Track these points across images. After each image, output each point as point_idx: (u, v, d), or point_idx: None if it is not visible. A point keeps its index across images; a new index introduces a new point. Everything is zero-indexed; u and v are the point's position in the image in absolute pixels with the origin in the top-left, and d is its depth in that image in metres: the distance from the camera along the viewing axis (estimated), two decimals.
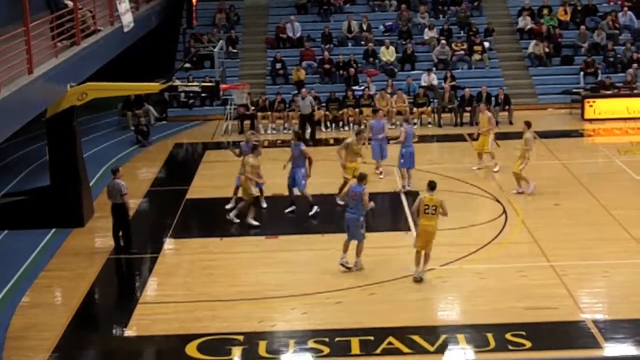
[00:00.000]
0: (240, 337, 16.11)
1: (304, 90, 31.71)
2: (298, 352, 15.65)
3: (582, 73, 34.97)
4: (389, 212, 23.27)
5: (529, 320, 16.46)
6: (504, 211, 22.44)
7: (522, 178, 23.53)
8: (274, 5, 39.73)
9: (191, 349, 15.77)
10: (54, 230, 22.04)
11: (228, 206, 23.03)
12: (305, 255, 20.16)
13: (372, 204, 18.75)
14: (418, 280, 18.22)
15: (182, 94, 31.50)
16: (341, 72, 35.23)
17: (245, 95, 31.36)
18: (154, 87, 23.75)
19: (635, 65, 34.55)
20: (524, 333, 15.89)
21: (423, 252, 18.29)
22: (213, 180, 26.18)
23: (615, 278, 18.34)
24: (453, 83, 33.82)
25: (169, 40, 36.80)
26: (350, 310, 17.18)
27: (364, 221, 18.79)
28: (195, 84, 26.66)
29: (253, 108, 32.36)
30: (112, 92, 24.72)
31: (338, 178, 23.55)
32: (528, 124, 23.80)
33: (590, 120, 32.27)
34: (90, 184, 23.98)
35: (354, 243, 18.90)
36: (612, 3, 38.87)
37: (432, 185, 18.22)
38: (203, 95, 29.95)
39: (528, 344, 15.55)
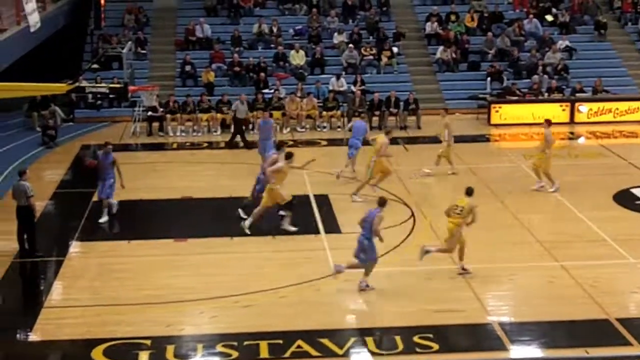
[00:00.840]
0: (148, 342, 15.89)
1: (242, 95, 31.37)
2: (206, 356, 15.52)
3: (488, 79, 35.49)
4: (299, 216, 23.18)
5: (437, 322, 16.58)
6: (412, 214, 22.59)
7: (546, 174, 24.39)
8: (184, 7, 39.48)
9: (97, 353, 15.51)
10: None
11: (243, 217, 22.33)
12: (215, 259, 19.99)
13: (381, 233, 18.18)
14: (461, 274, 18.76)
15: (90, 95, 31.04)
16: (251, 75, 35.12)
17: (154, 96, 31.07)
18: (60, 87, 23.27)
19: (540, 71, 35.16)
20: (431, 335, 15.98)
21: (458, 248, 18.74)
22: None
23: (520, 281, 18.58)
24: (362, 87, 34.00)
25: (76, 41, 36.22)
26: (259, 313, 17.09)
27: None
28: (103, 85, 26.33)
29: (162, 110, 32.03)
30: (18, 93, 24.23)
31: (248, 180, 23.37)
32: (548, 122, 24.88)
33: (497, 126, 32.78)
34: None
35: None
36: (517, 10, 39.54)
37: (469, 191, 18.85)
38: (111, 96, 29.59)
39: (435, 347, 15.64)
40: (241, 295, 17.81)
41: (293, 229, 21.38)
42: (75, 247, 20.94)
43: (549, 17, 38.92)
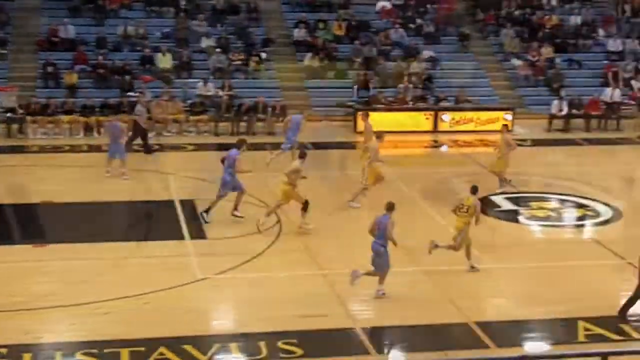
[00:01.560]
0: (4, 350, 15.39)
1: (142, 98, 30.82)
2: None
3: (355, 87, 35.78)
4: (163, 221, 22.89)
5: (301, 328, 16.57)
6: (279, 220, 22.55)
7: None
8: (46, 7, 38.49)
9: None
10: None
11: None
12: (76, 265, 19.51)
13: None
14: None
15: None
16: (116, 77, 34.53)
17: (13, 97, 30.26)
18: None
19: (406, 80, 35.66)
20: (295, 341, 15.98)
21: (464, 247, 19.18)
22: None
23: (389, 287, 18.64)
24: (230, 93, 33.82)
25: None
26: (120, 320, 16.76)
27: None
28: None
29: (22, 112, 31.15)
30: None
31: (112, 185, 22.95)
32: (506, 127, 26.89)
33: (362, 133, 32.89)
34: None
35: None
36: (384, 20, 40.02)
37: (474, 190, 19.46)
38: None
39: (299, 352, 15.64)
40: (102, 302, 17.42)
41: (310, 226, 21.70)
42: None
43: (414, 30, 39.47)
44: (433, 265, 19.72)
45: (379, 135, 24.66)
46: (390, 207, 18.46)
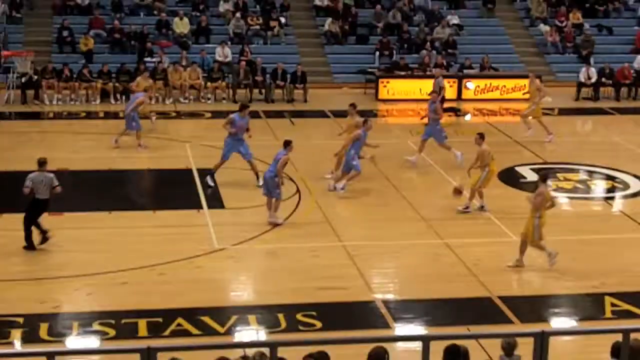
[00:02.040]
0: (20, 319, 15.24)
1: None
2: (82, 335, 14.92)
3: (377, 53, 35.29)
4: (180, 189, 22.59)
5: (320, 300, 16.35)
6: (298, 190, 22.25)
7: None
8: None
9: None
10: None
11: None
12: (92, 234, 19.28)
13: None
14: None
15: None
16: (132, 42, 34.13)
17: (28, 63, 29.94)
18: None
19: (428, 46, 35.12)
20: (314, 313, 15.76)
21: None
22: None
23: (404, 259, 18.52)
24: (249, 58, 33.37)
25: None
26: (137, 291, 16.57)
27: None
28: None
29: (36, 77, 30.80)
30: None
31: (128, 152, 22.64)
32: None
33: (384, 101, 32.61)
34: None
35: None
36: None
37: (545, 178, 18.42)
38: None
39: (319, 324, 15.43)
40: (119, 272, 17.24)
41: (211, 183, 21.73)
42: None
43: None
44: (456, 237, 19.40)
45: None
46: (286, 144, 19.87)
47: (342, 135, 23.51)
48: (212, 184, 22.13)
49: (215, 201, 21.38)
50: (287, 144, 19.94)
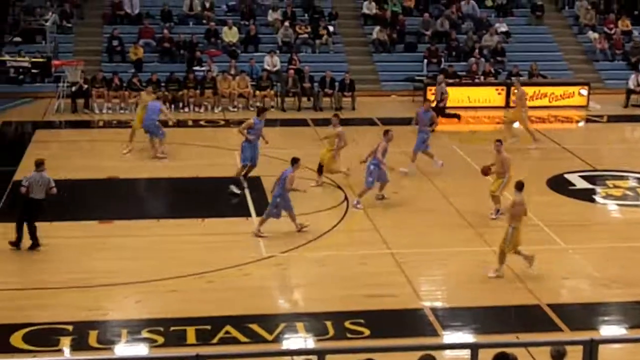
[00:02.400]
0: (70, 327, 15.30)
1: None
2: (131, 342, 14.97)
3: (425, 60, 35.20)
4: (228, 197, 22.67)
5: (369, 307, 16.28)
6: (346, 198, 22.21)
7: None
8: None
9: (16, 339, 14.87)
10: None
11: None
12: (141, 241, 19.39)
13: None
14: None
15: (11, 69, 30.14)
16: (182, 51, 34.36)
17: (78, 72, 30.24)
18: None
19: (476, 54, 34.99)
20: (362, 321, 15.68)
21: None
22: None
23: (452, 266, 18.41)
24: (297, 66, 33.45)
25: None
26: (186, 298, 16.59)
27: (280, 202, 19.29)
28: (26, 59, 25.40)
29: (87, 86, 31.11)
30: None
31: (176, 160, 22.77)
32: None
33: (433, 108, 32.34)
34: None
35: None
36: None
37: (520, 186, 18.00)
38: (34, 71, 28.64)
39: (367, 332, 15.35)
40: (167, 279, 17.28)
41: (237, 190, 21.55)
42: None
43: (489, 2, 38.75)
44: None
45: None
46: (293, 161, 19.54)
47: (324, 141, 23.64)
48: (238, 191, 22.14)
49: (264, 209, 21.36)
50: (295, 162, 19.60)
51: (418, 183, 23.51)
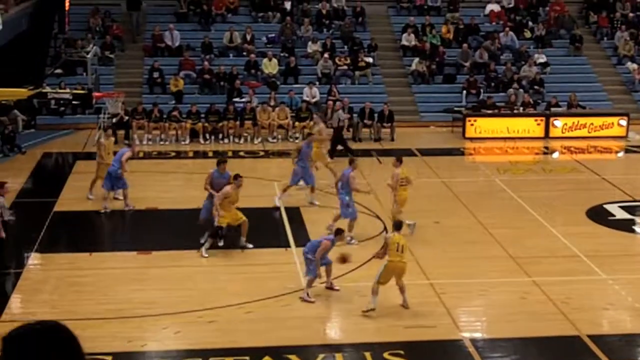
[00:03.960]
0: (109, 358, 15.35)
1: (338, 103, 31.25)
2: None
3: (464, 92, 35.17)
4: (268, 228, 22.70)
5: (408, 338, 16.22)
6: (385, 229, 22.14)
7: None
8: (153, 12, 38.81)
9: None
10: None
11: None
12: (180, 272, 19.42)
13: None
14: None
15: (53, 101, 30.46)
16: (222, 83, 34.60)
17: (119, 104, 30.50)
18: (22, 93, 22.68)
19: (515, 85, 34.92)
20: (402, 352, 15.61)
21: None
22: (83, 192, 25.10)
23: (493, 297, 18.29)
24: (336, 98, 33.53)
25: (39, 45, 35.39)
26: (225, 329, 16.60)
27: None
28: (67, 90, 25.66)
29: (127, 118, 31.37)
30: None
31: None
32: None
33: (471, 139, 32.43)
34: None
35: None
36: (494, 23, 39.29)
37: (398, 226, 17.78)
38: (74, 102, 28.90)
39: None
40: (206, 310, 17.30)
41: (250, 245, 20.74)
42: (34, 259, 20.31)
43: (527, 34, 38.68)
44: (544, 275, 19.11)
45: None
46: (337, 232, 18.46)
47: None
48: (279, 204, 22.63)
49: (303, 239, 21.35)
50: (339, 233, 18.64)
51: (458, 214, 23.39)
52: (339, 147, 29.32)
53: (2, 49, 28.62)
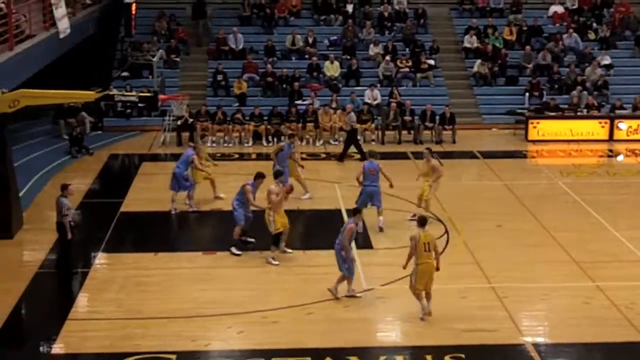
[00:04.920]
0: (173, 357, 15.59)
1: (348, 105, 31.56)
2: None
3: (526, 94, 34.98)
4: (329, 230, 22.79)
5: (469, 342, 16.22)
6: (446, 231, 22.18)
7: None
8: (217, 16, 39.19)
9: None
10: None
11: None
12: (243, 272, 19.64)
13: None
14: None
15: (119, 104, 30.93)
16: (284, 86, 34.83)
17: (184, 106, 30.86)
18: (89, 95, 23.02)
19: (579, 87, 34.63)
20: (463, 355, 15.65)
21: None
22: (149, 193, 25.55)
23: (555, 301, 18.20)
24: (398, 100, 33.57)
25: (106, 48, 35.97)
26: (287, 329, 16.76)
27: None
28: (133, 93, 25.93)
29: (192, 120, 31.74)
30: (46, 100, 23.78)
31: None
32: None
33: (534, 142, 32.24)
34: (20, 194, 23.19)
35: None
36: (557, 25, 39.00)
37: (423, 222, 17.38)
38: (141, 105, 29.26)
39: None
40: (269, 310, 17.51)
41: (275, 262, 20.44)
42: (100, 258, 20.69)
43: (592, 35, 38.34)
44: (608, 280, 18.99)
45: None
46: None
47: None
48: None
49: (364, 242, 21.49)
50: (356, 212, 19.01)
51: (521, 217, 23.31)
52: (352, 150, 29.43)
53: (70, 52, 29.15)
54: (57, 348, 16.08)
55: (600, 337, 16.46)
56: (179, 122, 31.64)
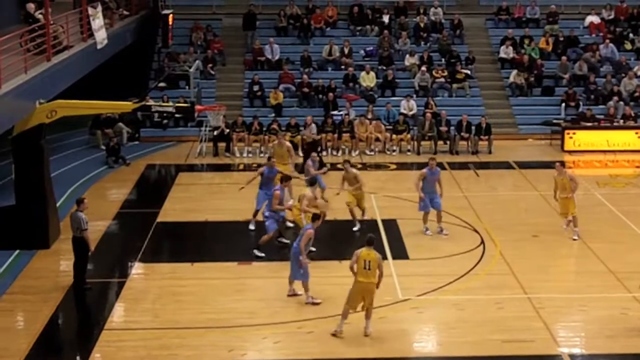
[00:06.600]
0: None
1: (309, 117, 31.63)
2: None
3: (563, 104, 34.82)
4: (364, 240, 22.78)
5: (505, 353, 16.20)
6: (482, 242, 22.11)
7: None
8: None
9: None
10: (17, 251, 21.40)
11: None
12: (279, 283, 19.62)
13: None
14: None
15: (156, 114, 31.18)
16: (320, 96, 34.91)
17: (220, 117, 31.02)
18: (126, 106, 23.22)
19: (615, 97, 34.44)
20: None
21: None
22: (185, 203, 25.70)
23: (592, 312, 18.10)
24: (434, 110, 33.52)
25: (143, 59, 36.28)
26: (322, 339, 16.77)
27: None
28: (170, 104, 26.10)
29: (228, 130, 31.89)
30: (83, 111, 24.03)
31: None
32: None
33: (570, 152, 32.08)
34: (57, 204, 23.35)
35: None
36: (594, 35, 38.80)
37: (370, 241, 17.27)
38: (177, 115, 29.53)
39: None
40: (305, 320, 17.55)
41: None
42: (137, 268, 20.81)
43: (628, 46, 38.11)
44: None
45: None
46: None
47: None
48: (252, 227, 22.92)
49: (400, 252, 21.48)
50: (316, 218, 18.78)
51: (557, 227, 23.18)
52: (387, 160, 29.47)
53: (108, 63, 29.41)
54: (94, 358, 16.17)
55: (636, 349, 16.38)
56: (215, 133, 31.79)
